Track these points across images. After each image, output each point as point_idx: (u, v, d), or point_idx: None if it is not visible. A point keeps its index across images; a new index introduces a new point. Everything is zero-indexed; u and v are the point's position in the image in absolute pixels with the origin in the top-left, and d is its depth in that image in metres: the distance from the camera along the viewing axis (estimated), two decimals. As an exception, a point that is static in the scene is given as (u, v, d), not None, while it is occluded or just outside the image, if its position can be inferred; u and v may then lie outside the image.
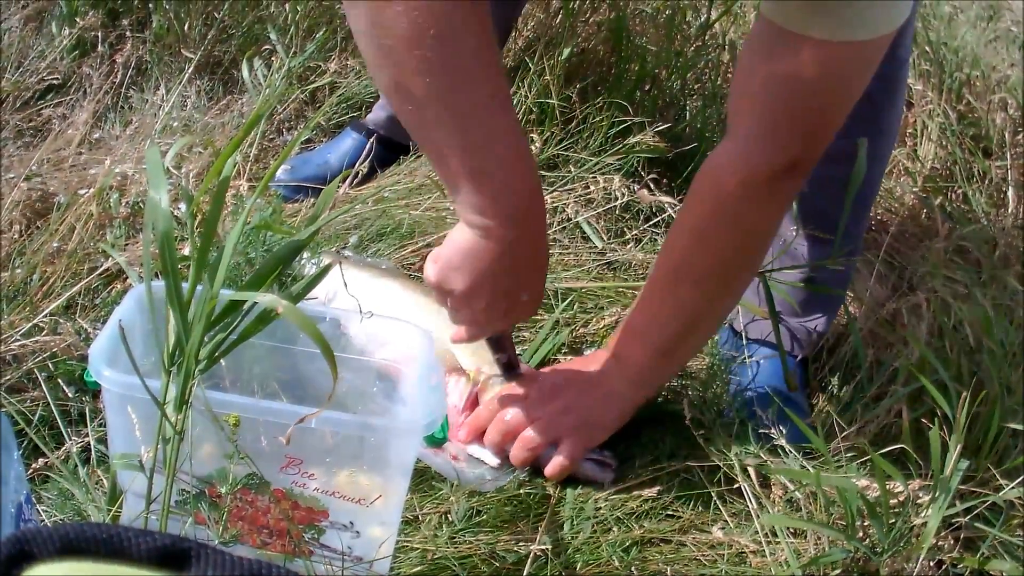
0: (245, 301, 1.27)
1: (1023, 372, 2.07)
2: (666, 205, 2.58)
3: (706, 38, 3.10)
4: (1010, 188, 3.06)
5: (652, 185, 2.63)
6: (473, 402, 1.94)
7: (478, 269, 1.69)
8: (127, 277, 2.06)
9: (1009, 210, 3.02)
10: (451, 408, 1.91)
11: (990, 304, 2.23)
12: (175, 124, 2.69)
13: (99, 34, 2.97)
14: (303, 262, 2.03)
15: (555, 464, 1.87)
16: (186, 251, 1.65)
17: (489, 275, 1.70)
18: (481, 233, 1.64)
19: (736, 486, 1.84)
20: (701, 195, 1.81)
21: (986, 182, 3.14)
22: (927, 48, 3.48)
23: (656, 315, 1.89)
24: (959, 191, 3.12)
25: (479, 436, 1.91)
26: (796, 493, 1.80)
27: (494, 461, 1.89)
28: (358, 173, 2.62)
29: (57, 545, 0.70)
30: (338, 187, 2.48)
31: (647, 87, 2.88)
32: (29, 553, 0.69)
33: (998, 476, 1.80)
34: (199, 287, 1.27)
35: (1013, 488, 1.75)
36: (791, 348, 2.22)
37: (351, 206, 2.48)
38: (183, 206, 2.19)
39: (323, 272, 1.34)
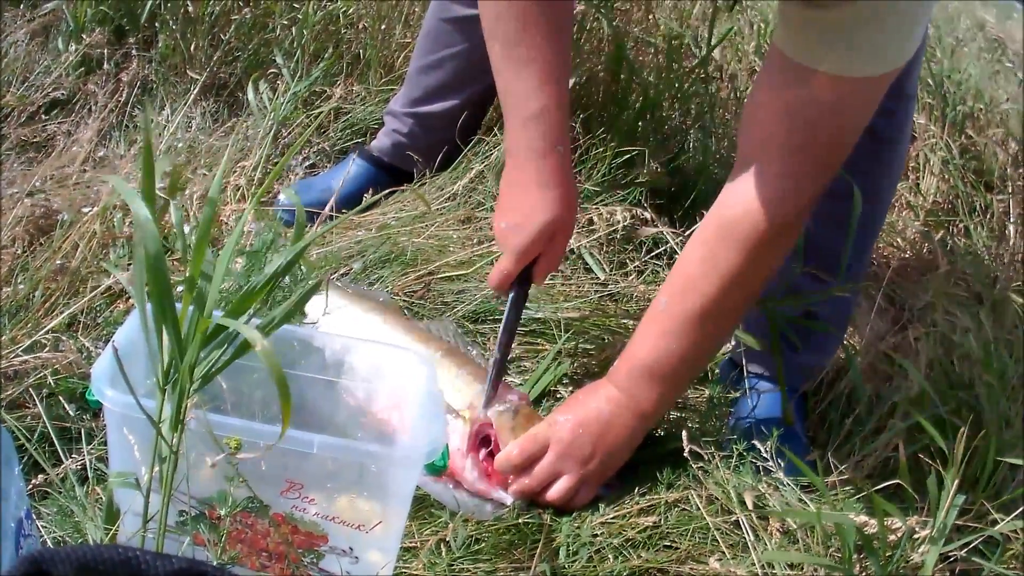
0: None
1: (1021, 405, 2.07)
2: (667, 236, 2.59)
3: (709, 70, 3.11)
4: (1011, 223, 3.06)
5: (654, 216, 2.64)
6: (475, 443, 1.94)
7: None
8: (129, 297, 2.06)
9: (1010, 244, 3.02)
10: (454, 451, 1.90)
11: (990, 338, 2.23)
12: (179, 145, 2.69)
13: (105, 51, 2.98)
14: (304, 283, 2.03)
15: (577, 504, 1.91)
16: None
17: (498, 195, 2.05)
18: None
19: (734, 518, 1.84)
20: (738, 239, 1.81)
21: (988, 216, 3.15)
22: (929, 81, 3.48)
23: (673, 352, 1.90)
24: (961, 225, 3.12)
25: (499, 480, 1.92)
26: (793, 525, 1.80)
27: (509, 500, 1.89)
28: (362, 199, 2.63)
29: (74, 566, 0.70)
30: (340, 212, 2.51)
31: (648, 117, 2.88)
32: (46, 573, 0.70)
33: (992, 510, 1.80)
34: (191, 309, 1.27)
35: (1009, 522, 1.76)
36: (790, 382, 2.22)
37: (333, 221, 2.48)
38: (186, 227, 2.20)
39: (307, 296, 1.34)
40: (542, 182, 1.95)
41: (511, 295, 2.04)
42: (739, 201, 1.80)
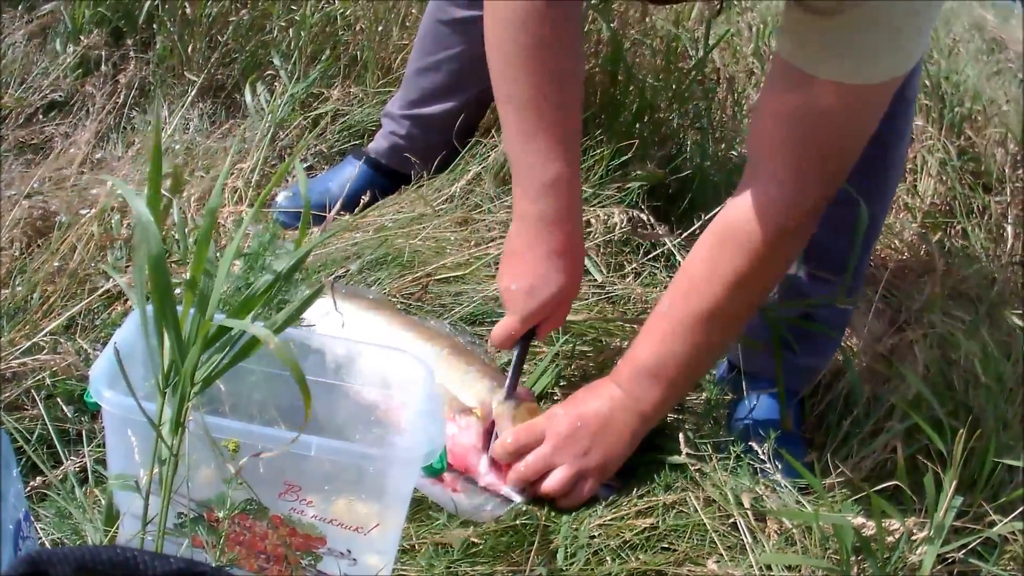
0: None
1: (1019, 407, 2.07)
2: (666, 239, 2.59)
3: (706, 71, 3.11)
4: (1009, 225, 3.06)
5: (651, 218, 2.63)
6: (486, 439, 1.95)
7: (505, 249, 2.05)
8: (128, 299, 2.06)
9: (1008, 246, 3.02)
10: (470, 448, 1.93)
11: (987, 340, 2.23)
12: (177, 147, 2.69)
13: (103, 53, 2.97)
14: (298, 284, 2.03)
15: (577, 499, 1.92)
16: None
17: (504, 255, 2.04)
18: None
19: (732, 520, 1.84)
20: (739, 244, 1.82)
21: (985, 218, 3.15)
22: (927, 82, 3.48)
23: (676, 354, 1.90)
24: (958, 227, 3.12)
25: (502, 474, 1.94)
26: (791, 527, 1.80)
27: (517, 497, 1.90)
28: (359, 201, 2.63)
29: (72, 566, 0.70)
30: (338, 214, 2.51)
31: (645, 119, 2.88)
32: (44, 573, 0.70)
33: (991, 512, 1.80)
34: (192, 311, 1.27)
35: (1007, 523, 1.76)
36: (788, 384, 2.22)
37: (332, 227, 2.48)
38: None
39: (311, 299, 1.34)
40: (555, 250, 1.98)
41: (516, 351, 2.06)
42: (744, 207, 1.80)
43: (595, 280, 2.48)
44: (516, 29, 1.87)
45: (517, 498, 1.90)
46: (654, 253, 2.61)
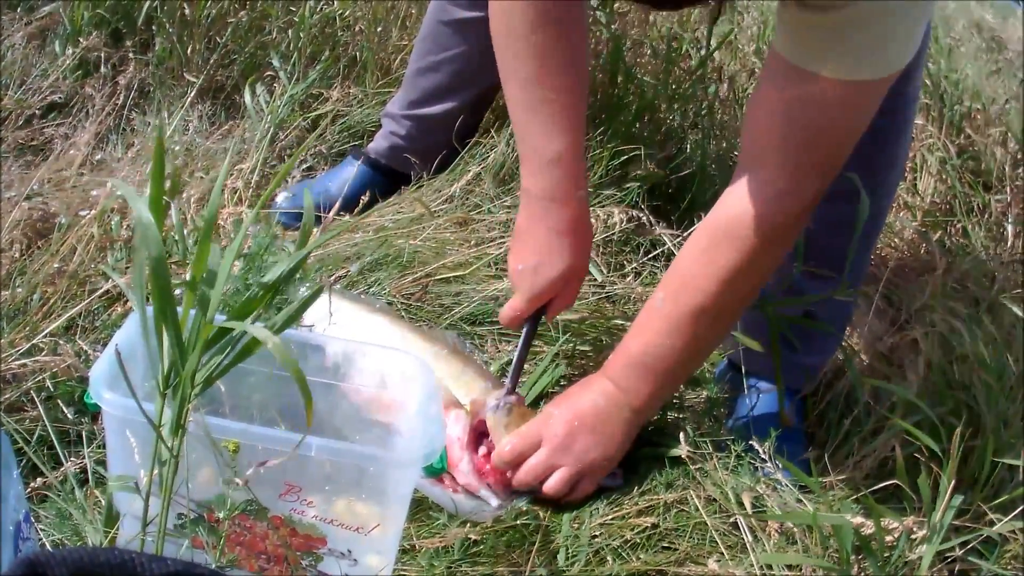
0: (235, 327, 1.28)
1: (1019, 405, 2.07)
2: (665, 237, 2.58)
3: (707, 71, 3.11)
4: (1009, 223, 3.06)
5: (651, 217, 2.63)
6: (473, 437, 1.95)
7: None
8: (127, 300, 2.06)
9: (1008, 244, 3.02)
10: (455, 440, 1.92)
11: (987, 339, 2.23)
12: (177, 148, 2.69)
13: (102, 55, 2.97)
14: (298, 285, 2.03)
15: (580, 496, 1.93)
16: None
17: (513, 235, 2.08)
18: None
19: (732, 519, 1.84)
20: (734, 239, 1.82)
21: (985, 216, 3.14)
22: (927, 81, 3.48)
23: (667, 348, 1.90)
24: (959, 225, 3.12)
25: (493, 478, 1.93)
26: (792, 526, 1.80)
27: (495, 502, 1.89)
28: (359, 202, 2.63)
29: (70, 568, 0.70)
30: (337, 215, 2.50)
31: (646, 119, 2.88)
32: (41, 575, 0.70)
33: (990, 511, 1.80)
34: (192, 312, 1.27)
35: (1007, 522, 1.76)
36: (790, 383, 2.21)
37: (333, 227, 2.48)
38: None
39: (310, 300, 1.34)
40: (560, 229, 1.99)
41: (524, 330, 2.08)
42: (739, 202, 1.80)
43: (595, 279, 2.48)
44: (522, 3, 1.87)
45: (495, 501, 1.89)
46: (654, 252, 2.61)
